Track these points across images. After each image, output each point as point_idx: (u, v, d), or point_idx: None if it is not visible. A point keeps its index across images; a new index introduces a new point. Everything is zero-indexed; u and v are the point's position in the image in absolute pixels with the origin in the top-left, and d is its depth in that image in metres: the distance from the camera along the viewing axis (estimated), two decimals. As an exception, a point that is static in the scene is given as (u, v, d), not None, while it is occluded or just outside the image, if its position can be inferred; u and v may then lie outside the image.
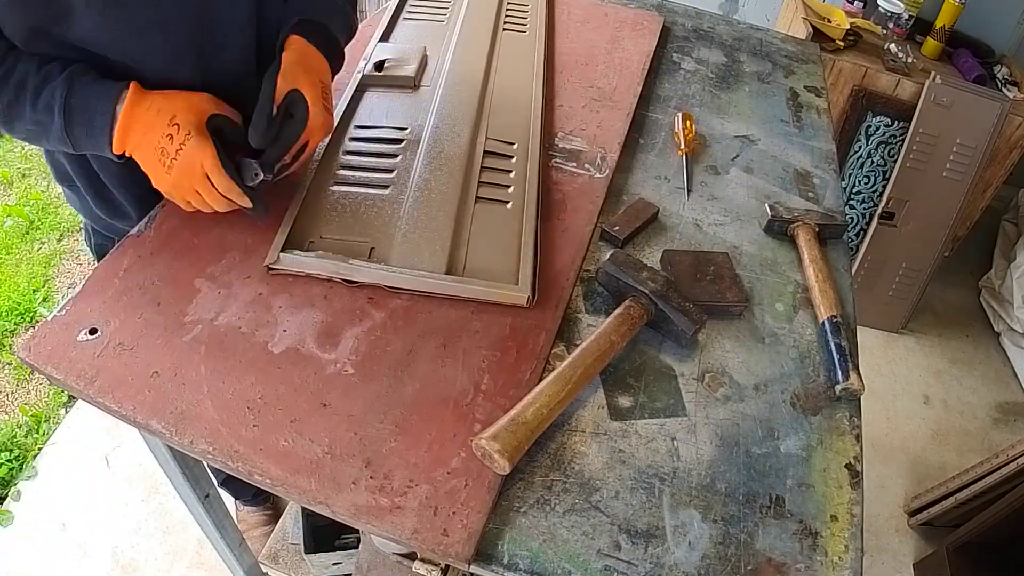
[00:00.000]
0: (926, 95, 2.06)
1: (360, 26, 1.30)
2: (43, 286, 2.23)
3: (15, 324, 2.10)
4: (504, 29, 1.33)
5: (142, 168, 0.80)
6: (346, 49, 0.95)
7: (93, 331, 0.75)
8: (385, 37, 1.26)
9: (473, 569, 0.66)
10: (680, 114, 1.20)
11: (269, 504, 1.69)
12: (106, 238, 1.04)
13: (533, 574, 0.65)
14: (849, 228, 2.31)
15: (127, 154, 0.79)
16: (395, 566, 1.17)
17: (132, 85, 0.77)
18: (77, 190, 0.96)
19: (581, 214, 0.99)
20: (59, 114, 0.75)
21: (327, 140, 0.98)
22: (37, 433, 1.85)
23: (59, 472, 1.77)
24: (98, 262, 1.07)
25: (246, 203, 0.82)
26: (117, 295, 0.79)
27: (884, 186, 2.23)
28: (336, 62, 0.92)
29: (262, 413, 0.71)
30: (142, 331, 0.76)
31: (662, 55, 1.42)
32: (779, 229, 1.04)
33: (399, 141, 1.03)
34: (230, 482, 1.52)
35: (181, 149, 0.77)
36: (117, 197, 0.93)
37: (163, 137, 0.77)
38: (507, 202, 0.96)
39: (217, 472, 1.43)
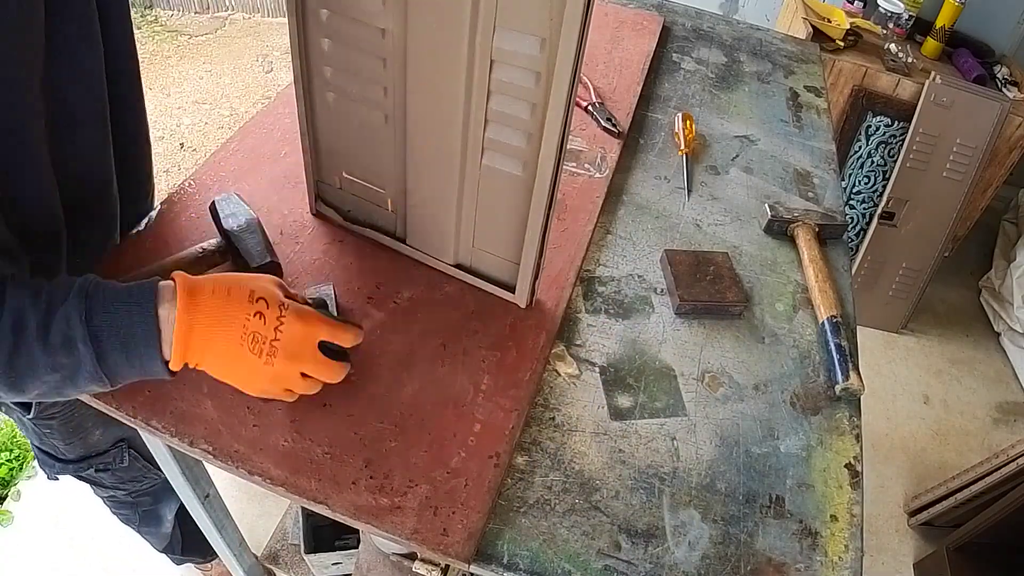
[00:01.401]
0: (926, 95, 2.06)
1: None
2: (43, 286, 2.23)
3: (15, 324, 2.10)
4: None
5: (219, 376, 0.62)
6: None
7: (93, 331, 0.75)
8: None
9: (473, 569, 0.66)
10: (680, 114, 1.20)
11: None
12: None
13: (533, 574, 0.65)
14: (849, 228, 2.31)
15: (193, 366, 0.61)
16: (395, 566, 1.17)
17: (176, 274, 0.60)
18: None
19: (581, 214, 0.99)
20: (84, 343, 0.55)
21: None
22: (37, 433, 1.85)
23: (59, 472, 1.77)
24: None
25: (360, 337, 0.67)
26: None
27: (884, 186, 2.23)
28: None
29: (262, 413, 0.71)
30: (142, 331, 0.76)
31: (662, 55, 1.42)
32: (779, 229, 1.04)
33: (381, 33, 0.70)
34: (188, 548, 1.41)
35: (280, 327, 0.59)
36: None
37: (251, 319, 0.59)
38: (516, 168, 0.72)
39: (173, 545, 1.37)
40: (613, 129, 1.14)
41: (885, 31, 2.24)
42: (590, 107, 1.17)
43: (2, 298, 0.55)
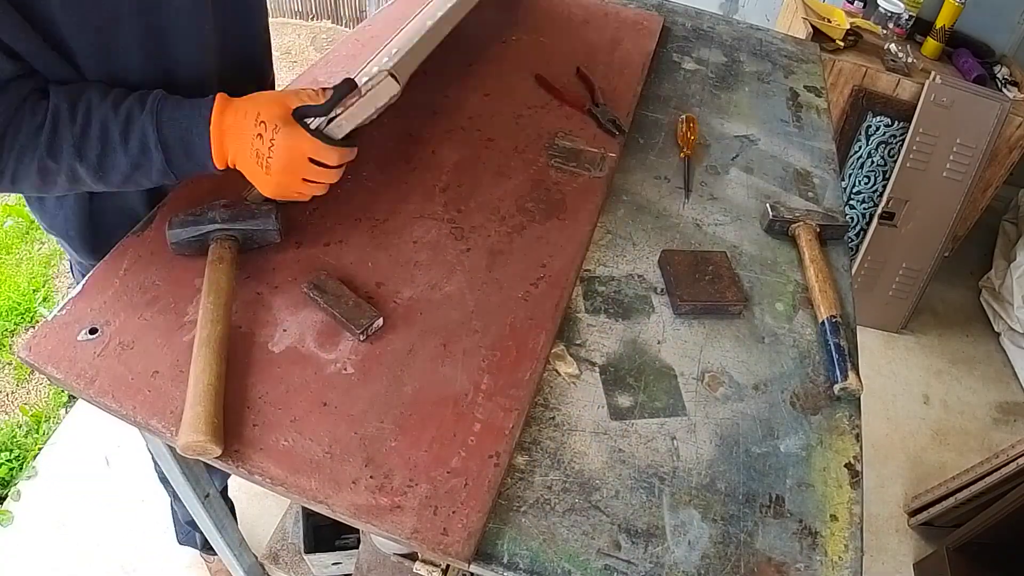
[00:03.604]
0: (926, 95, 2.06)
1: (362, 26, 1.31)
2: (43, 286, 2.23)
3: (15, 324, 2.10)
4: None
5: (246, 174, 0.78)
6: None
7: (93, 331, 0.75)
8: None
9: (473, 568, 0.66)
10: (684, 116, 1.20)
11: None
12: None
13: (533, 573, 0.65)
14: (849, 228, 2.31)
15: (233, 166, 0.78)
16: (395, 566, 1.17)
17: (219, 96, 0.75)
18: (72, 239, 0.93)
19: (581, 214, 0.99)
20: (156, 149, 0.73)
21: None
22: (37, 433, 1.85)
23: (59, 472, 1.77)
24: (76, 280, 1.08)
25: (353, 155, 0.81)
26: (117, 295, 0.79)
27: (884, 186, 2.23)
28: None
29: (262, 413, 0.71)
30: (142, 331, 0.76)
31: (662, 55, 1.42)
32: (780, 229, 1.04)
33: None
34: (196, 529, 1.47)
35: (272, 145, 0.75)
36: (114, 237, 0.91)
37: (254, 138, 0.75)
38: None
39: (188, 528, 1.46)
40: (614, 131, 1.14)
41: (885, 31, 2.24)
42: (591, 108, 1.17)
43: (88, 112, 0.71)
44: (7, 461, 1.75)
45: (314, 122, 0.78)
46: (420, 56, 0.90)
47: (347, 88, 0.78)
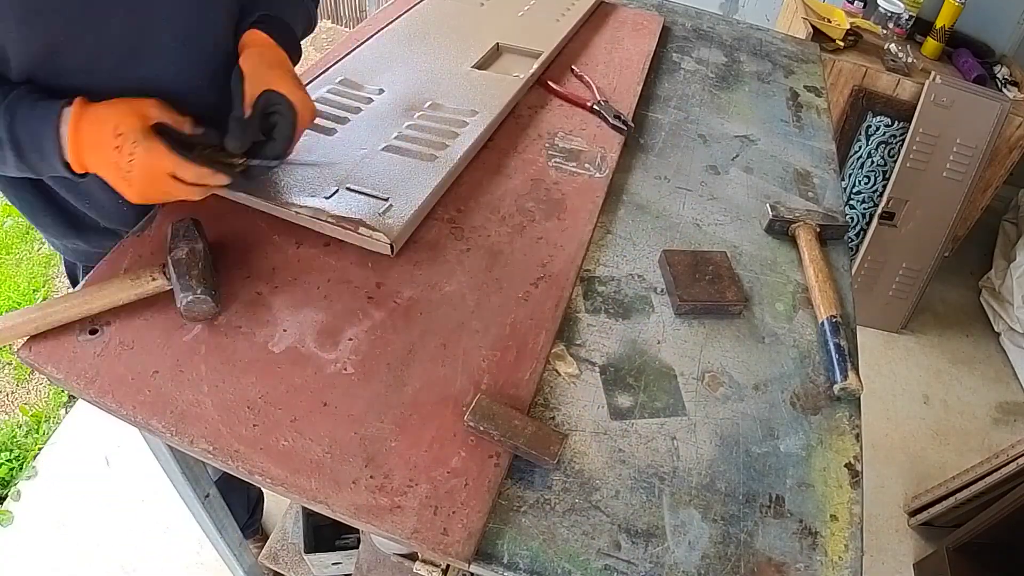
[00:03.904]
0: (926, 95, 2.06)
1: (364, 24, 1.31)
2: (43, 286, 2.23)
3: (15, 324, 2.10)
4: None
5: (106, 180, 0.76)
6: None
7: (93, 331, 0.75)
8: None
9: (473, 568, 0.66)
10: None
11: (259, 537, 1.65)
12: (71, 263, 1.04)
13: (533, 573, 0.65)
14: (849, 228, 2.31)
15: (90, 171, 0.75)
16: (395, 566, 1.17)
17: (76, 101, 0.72)
18: (44, 220, 0.93)
19: (581, 214, 0.99)
20: (9, 147, 0.72)
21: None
22: (37, 433, 1.85)
23: (59, 472, 1.77)
24: (72, 285, 1.09)
25: (222, 180, 0.77)
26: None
27: (884, 186, 2.23)
28: (294, 55, 0.89)
29: (262, 413, 0.71)
30: (142, 331, 0.76)
31: (662, 55, 1.42)
32: (780, 229, 1.04)
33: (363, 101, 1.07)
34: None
35: (132, 159, 0.72)
36: (82, 217, 0.92)
37: (112, 151, 0.72)
38: (433, 157, 0.98)
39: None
40: (622, 127, 1.14)
41: (885, 31, 2.24)
42: (595, 106, 1.17)
43: None
44: (7, 461, 1.75)
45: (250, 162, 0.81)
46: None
47: (215, 140, 0.79)
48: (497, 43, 1.28)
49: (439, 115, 1.06)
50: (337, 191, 0.90)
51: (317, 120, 1.01)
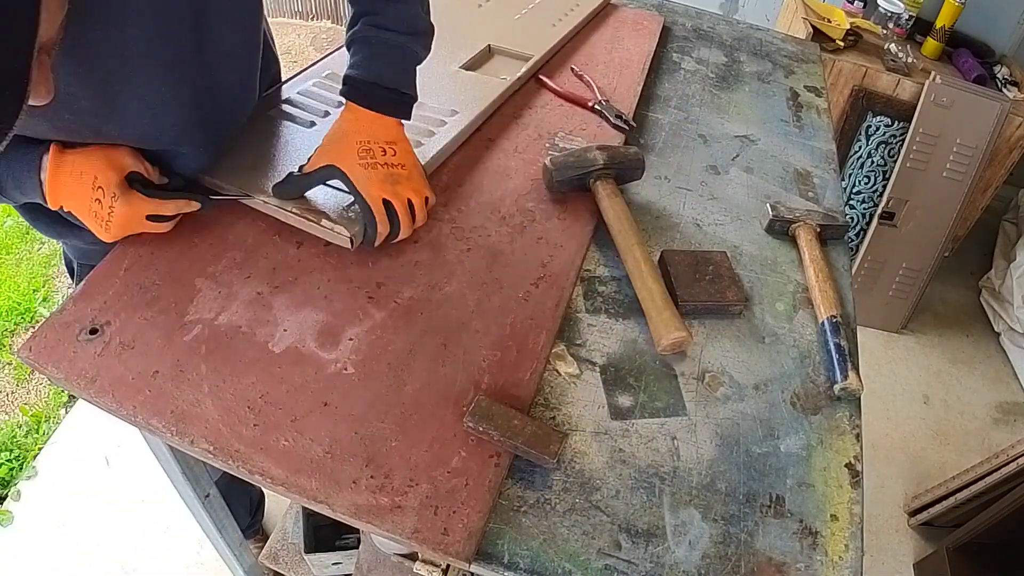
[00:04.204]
0: (926, 95, 2.06)
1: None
2: (43, 286, 2.23)
3: (15, 324, 2.10)
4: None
5: (86, 225, 0.81)
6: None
7: (94, 331, 0.75)
8: None
9: (474, 568, 0.66)
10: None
11: (259, 537, 1.65)
12: (70, 258, 1.05)
13: (533, 573, 0.65)
14: (849, 228, 2.31)
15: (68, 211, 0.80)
16: (395, 566, 1.17)
17: (52, 148, 0.75)
18: (42, 221, 0.94)
19: (582, 214, 0.99)
20: None
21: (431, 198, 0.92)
22: (37, 433, 1.85)
23: (59, 472, 1.77)
24: (71, 278, 1.09)
25: (196, 205, 0.83)
26: (117, 295, 0.79)
27: (884, 186, 2.23)
28: (400, 109, 0.86)
29: (263, 412, 0.71)
30: (142, 331, 0.76)
31: (662, 55, 1.42)
32: (780, 229, 1.04)
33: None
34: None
35: (112, 211, 0.77)
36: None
37: (92, 202, 0.76)
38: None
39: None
40: (624, 127, 1.14)
41: (885, 31, 2.24)
42: (596, 106, 1.17)
43: None
44: (7, 461, 1.75)
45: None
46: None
47: (181, 184, 0.85)
48: (489, 45, 1.27)
49: (419, 113, 1.05)
50: (286, 178, 0.88)
51: (297, 113, 1.01)
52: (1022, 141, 2.13)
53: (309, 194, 0.88)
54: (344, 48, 0.89)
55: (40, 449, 1.81)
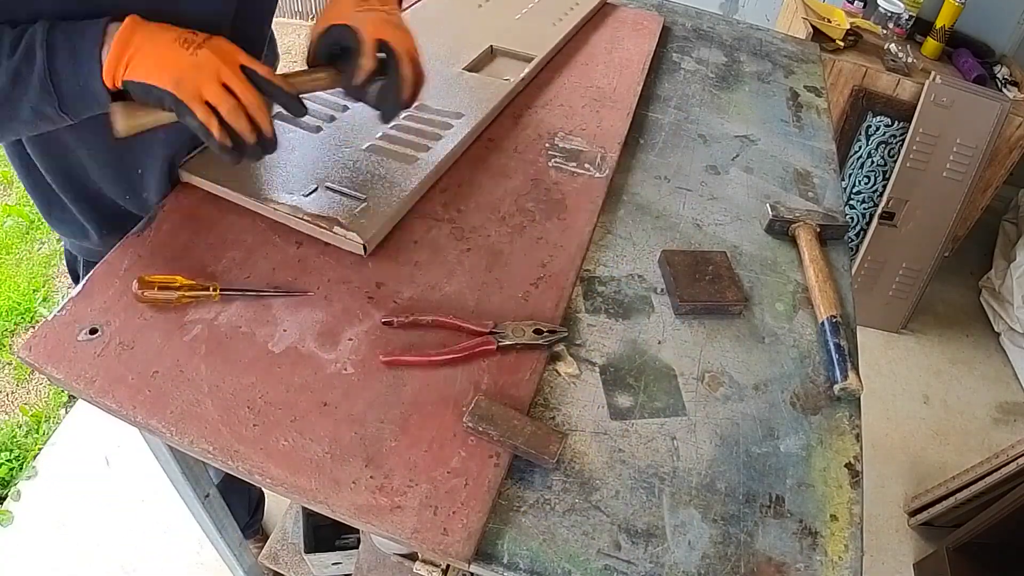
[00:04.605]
0: (926, 95, 2.06)
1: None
2: (43, 286, 2.23)
3: (15, 324, 2.10)
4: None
5: (142, 70, 0.66)
6: None
7: (93, 331, 0.75)
8: None
9: (473, 568, 0.66)
10: None
11: (259, 537, 1.65)
12: (72, 255, 1.05)
13: (533, 573, 0.65)
14: (849, 228, 2.31)
15: (125, 78, 0.66)
16: (395, 566, 1.17)
17: (130, 17, 0.66)
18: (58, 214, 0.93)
19: (581, 214, 0.99)
20: (40, 48, 0.64)
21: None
22: (37, 433, 1.85)
23: (59, 472, 1.77)
24: (72, 278, 1.08)
25: (292, 102, 0.74)
26: (117, 295, 0.79)
27: (884, 186, 2.23)
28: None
29: (262, 413, 0.71)
30: (142, 331, 0.76)
31: (662, 55, 1.42)
32: (780, 229, 1.04)
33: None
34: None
35: (208, 40, 0.67)
36: (68, 206, 0.91)
37: (181, 36, 0.67)
38: (413, 159, 0.97)
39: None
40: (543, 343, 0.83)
41: (885, 31, 2.24)
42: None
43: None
44: (7, 461, 1.75)
45: None
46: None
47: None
48: (491, 45, 1.27)
49: (424, 116, 1.06)
50: (316, 189, 0.90)
51: (303, 118, 1.01)
52: (1022, 141, 2.13)
53: (319, 200, 0.88)
54: None
55: (40, 449, 1.81)
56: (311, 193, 0.89)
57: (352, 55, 0.79)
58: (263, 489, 1.30)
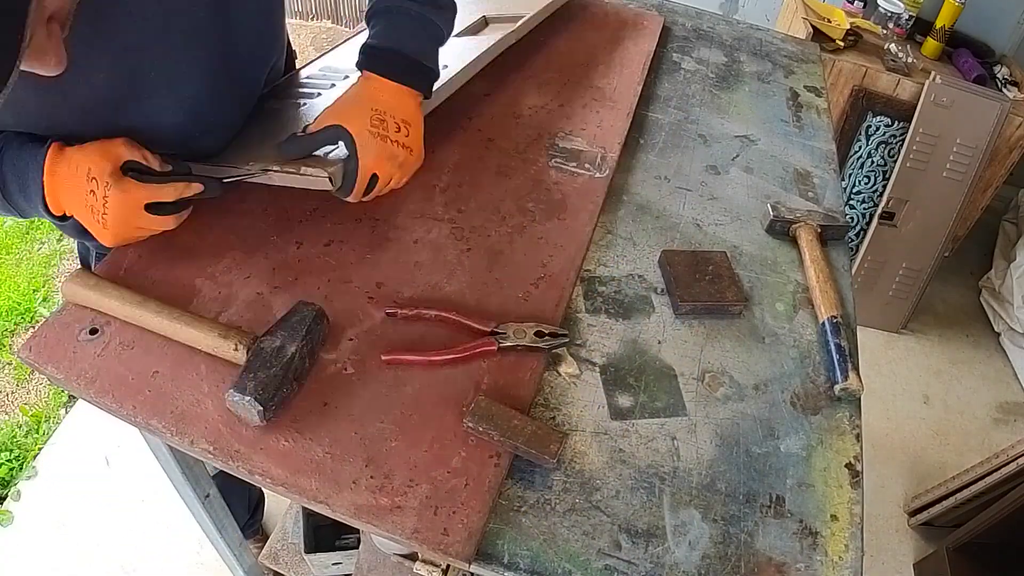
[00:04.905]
0: (926, 95, 2.06)
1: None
2: (43, 286, 2.23)
3: (15, 324, 2.10)
4: None
5: (86, 227, 0.78)
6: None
7: (94, 331, 0.75)
8: None
9: (474, 568, 0.66)
10: None
11: (259, 537, 1.65)
12: (85, 248, 1.05)
13: (534, 573, 0.65)
14: (850, 228, 2.31)
15: (69, 215, 0.77)
16: (395, 566, 1.17)
17: (52, 146, 0.74)
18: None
19: (581, 214, 0.99)
20: None
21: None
22: (37, 433, 1.85)
23: (59, 472, 1.77)
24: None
25: (198, 188, 0.79)
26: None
27: (884, 186, 2.23)
28: (421, 81, 0.84)
29: (262, 413, 0.71)
30: (143, 331, 0.76)
31: (662, 55, 1.42)
32: (781, 229, 1.04)
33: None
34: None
35: (106, 201, 0.73)
36: None
37: (87, 195, 0.73)
38: None
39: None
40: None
41: (885, 31, 2.24)
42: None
43: None
44: (7, 461, 1.75)
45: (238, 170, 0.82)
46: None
47: (185, 170, 0.81)
48: (484, 16, 1.27)
49: None
50: (289, 137, 0.84)
51: (303, 89, 0.99)
52: (1022, 141, 2.13)
53: (290, 146, 0.82)
54: (349, 45, 0.89)
55: (40, 449, 1.81)
56: (284, 142, 0.84)
57: (346, 178, 0.81)
58: (263, 489, 1.31)
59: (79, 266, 1.09)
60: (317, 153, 0.82)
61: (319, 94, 0.98)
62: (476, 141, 1.08)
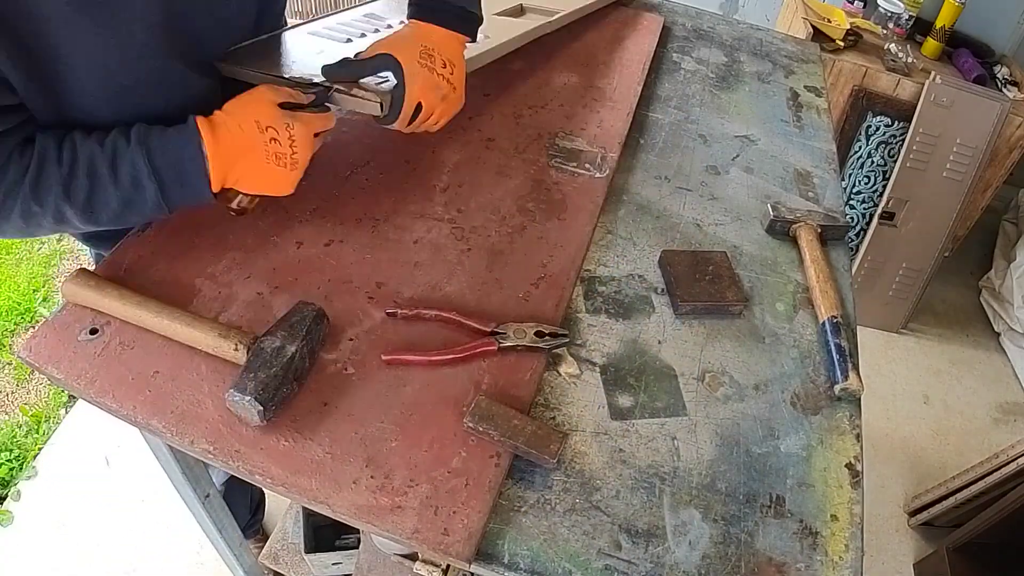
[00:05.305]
0: (926, 95, 2.06)
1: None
2: (43, 286, 2.23)
3: (15, 324, 2.10)
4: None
5: (251, 190, 0.78)
6: None
7: (94, 331, 0.75)
8: None
9: (474, 568, 0.66)
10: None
11: (260, 537, 1.65)
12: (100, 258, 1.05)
13: (534, 573, 0.65)
14: (850, 228, 2.31)
15: (230, 186, 0.77)
16: (395, 566, 1.17)
17: (198, 120, 0.73)
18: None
19: (581, 214, 0.99)
20: (150, 180, 0.71)
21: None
22: (37, 433, 1.85)
23: (59, 472, 1.77)
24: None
25: (332, 120, 0.83)
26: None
27: (884, 186, 2.23)
28: (467, 25, 0.90)
29: (262, 413, 0.71)
30: (142, 331, 0.76)
31: (662, 55, 1.42)
32: (781, 229, 1.04)
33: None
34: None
35: (293, 140, 0.75)
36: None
37: (267, 144, 0.74)
38: None
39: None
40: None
41: (885, 31, 2.24)
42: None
43: (75, 152, 0.70)
44: (7, 461, 1.75)
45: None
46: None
47: (338, 63, 0.83)
48: (521, 4, 1.30)
49: None
50: (341, 60, 0.87)
51: (335, 33, 1.01)
52: (1022, 141, 2.13)
53: (342, 68, 0.85)
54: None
55: (40, 449, 1.81)
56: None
57: (392, 105, 0.84)
58: (263, 489, 1.31)
59: (79, 266, 1.09)
60: (364, 81, 0.85)
61: (364, 35, 1.02)
62: (476, 141, 1.08)
